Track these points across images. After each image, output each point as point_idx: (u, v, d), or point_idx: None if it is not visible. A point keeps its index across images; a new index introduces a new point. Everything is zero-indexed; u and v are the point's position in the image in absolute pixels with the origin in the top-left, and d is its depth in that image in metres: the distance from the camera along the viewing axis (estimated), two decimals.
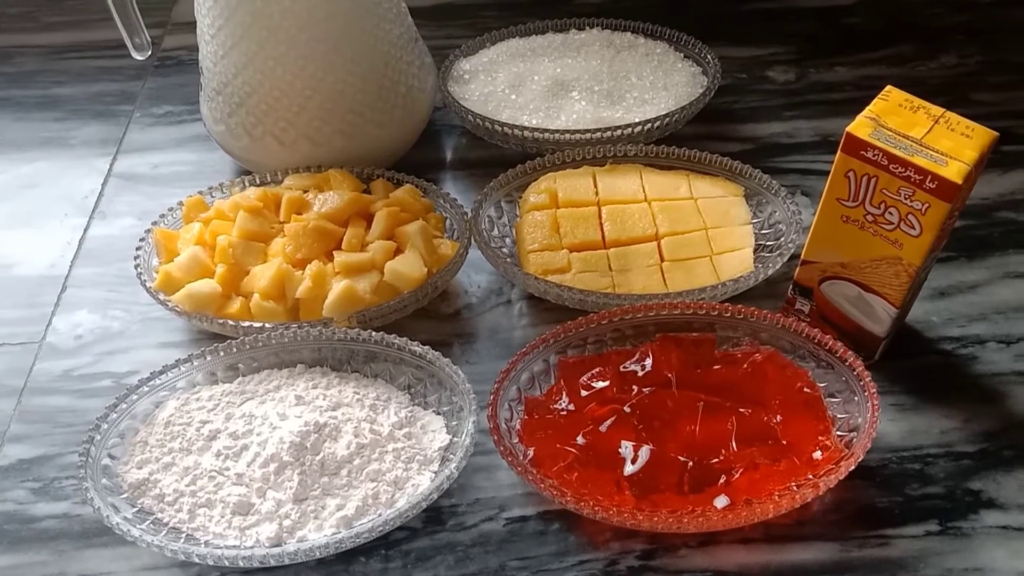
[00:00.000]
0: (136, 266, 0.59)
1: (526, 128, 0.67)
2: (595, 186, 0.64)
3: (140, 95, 0.79)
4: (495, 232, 0.64)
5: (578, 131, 0.67)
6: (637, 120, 0.67)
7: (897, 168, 0.48)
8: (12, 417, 0.57)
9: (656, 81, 0.71)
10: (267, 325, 0.56)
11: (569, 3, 0.85)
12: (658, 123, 0.67)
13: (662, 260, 0.60)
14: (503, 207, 0.65)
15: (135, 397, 0.53)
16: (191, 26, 0.85)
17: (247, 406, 0.54)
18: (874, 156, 0.48)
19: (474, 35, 0.83)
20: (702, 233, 0.61)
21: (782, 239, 0.61)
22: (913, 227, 0.50)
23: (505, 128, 0.67)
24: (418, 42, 0.68)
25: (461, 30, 0.84)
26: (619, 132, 0.66)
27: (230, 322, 0.56)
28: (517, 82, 0.71)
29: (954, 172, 0.47)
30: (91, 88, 0.80)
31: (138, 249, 0.60)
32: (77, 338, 0.62)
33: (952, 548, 0.49)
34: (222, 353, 0.55)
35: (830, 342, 0.54)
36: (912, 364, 0.58)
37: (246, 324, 0.56)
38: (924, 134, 0.48)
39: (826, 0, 0.85)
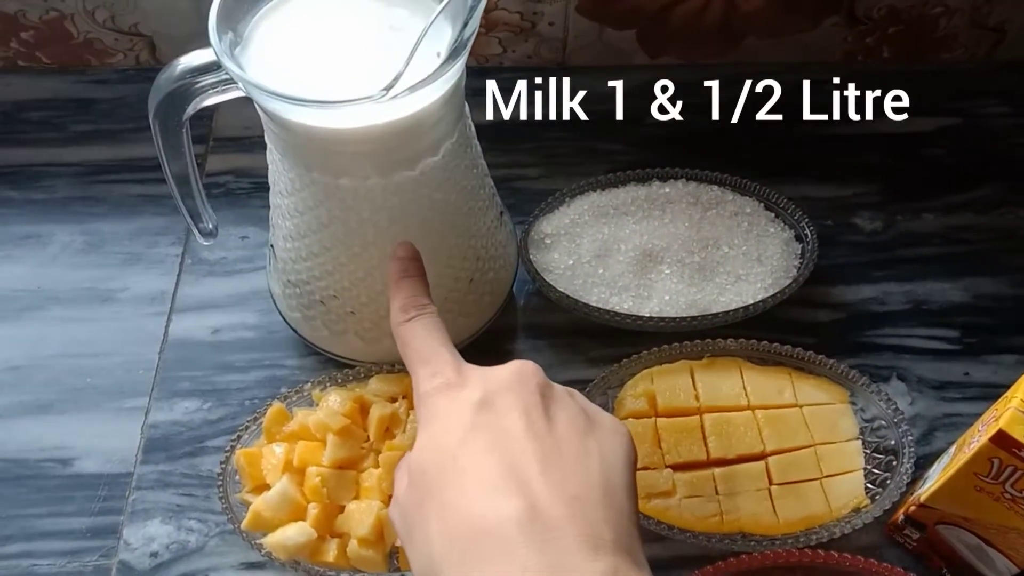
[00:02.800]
0: (220, 497, 0.56)
1: (617, 315, 0.64)
2: (695, 387, 0.61)
3: (189, 237, 0.73)
4: None
5: (672, 319, 0.63)
6: (734, 306, 0.64)
7: None
8: None
9: (749, 252, 0.67)
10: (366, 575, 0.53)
11: (640, 124, 0.80)
12: (753, 308, 0.64)
13: (770, 483, 0.58)
14: (595, 399, 0.62)
15: None
16: (237, 143, 0.80)
17: None
18: None
19: (542, 161, 0.78)
20: (811, 452, 0.59)
21: (893, 446, 0.59)
22: None
23: (594, 314, 0.64)
24: (503, 216, 0.64)
25: (527, 155, 0.79)
26: (716, 318, 0.64)
27: (329, 573, 0.53)
28: (603, 251, 0.67)
29: None
30: (133, 223, 0.74)
31: (220, 477, 0.57)
32: (153, 556, 0.58)
33: None
34: None
35: None
36: None
37: None
38: None
39: (905, 125, 0.81)
